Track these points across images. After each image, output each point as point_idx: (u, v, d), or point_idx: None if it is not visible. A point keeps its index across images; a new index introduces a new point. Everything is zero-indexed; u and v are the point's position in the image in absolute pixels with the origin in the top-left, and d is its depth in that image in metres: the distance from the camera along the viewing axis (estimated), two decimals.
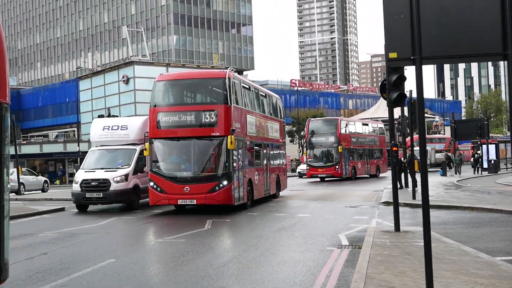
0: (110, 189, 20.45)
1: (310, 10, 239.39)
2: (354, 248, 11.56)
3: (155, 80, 20.08)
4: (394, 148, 14.59)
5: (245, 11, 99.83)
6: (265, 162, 23.70)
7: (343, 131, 40.79)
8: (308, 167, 41.25)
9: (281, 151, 27.75)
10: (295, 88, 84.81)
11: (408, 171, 27.21)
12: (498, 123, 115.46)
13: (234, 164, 18.92)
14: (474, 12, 6.60)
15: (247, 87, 22.19)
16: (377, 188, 30.40)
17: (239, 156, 19.66)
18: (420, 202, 7.22)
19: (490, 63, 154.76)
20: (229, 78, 18.90)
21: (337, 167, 39.31)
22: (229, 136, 18.26)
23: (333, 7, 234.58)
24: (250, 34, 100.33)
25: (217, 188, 18.44)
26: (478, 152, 47.61)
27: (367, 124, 48.05)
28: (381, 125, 50.89)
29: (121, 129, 22.56)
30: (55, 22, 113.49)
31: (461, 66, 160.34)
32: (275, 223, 16.38)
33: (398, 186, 19.18)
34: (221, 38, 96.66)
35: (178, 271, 9.71)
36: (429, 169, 39.79)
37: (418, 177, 24.76)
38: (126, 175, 20.82)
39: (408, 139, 23.89)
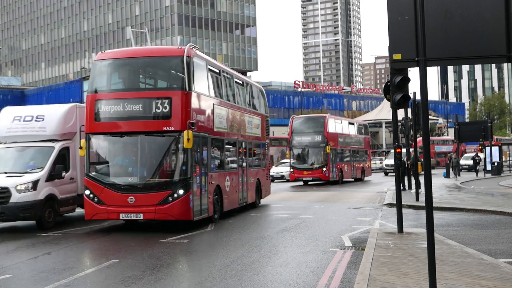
0: (10, 201, 14.89)
1: (314, 12, 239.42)
2: (357, 250, 11.56)
3: (94, 59, 16.19)
4: (397, 150, 14.55)
5: (249, 12, 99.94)
6: (240, 164, 19.82)
7: (331, 129, 37.24)
8: (291, 170, 37.37)
9: (264, 151, 23.64)
10: (299, 90, 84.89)
11: (411, 172, 27.21)
12: (501, 125, 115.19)
13: (195, 168, 15.07)
14: (478, 13, 6.60)
15: (217, 71, 18.10)
16: (379, 190, 30.37)
17: (203, 157, 15.84)
18: (423, 204, 7.22)
19: (494, 66, 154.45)
20: (188, 57, 14.91)
21: (324, 169, 35.82)
22: (185, 132, 14.22)
23: (337, 8, 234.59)
24: (254, 35, 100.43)
25: (170, 198, 14.41)
26: (480, 155, 47.26)
27: (353, 123, 44.68)
28: (365, 123, 48.37)
29: (35, 121, 17.08)
30: (59, 22, 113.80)
31: (465, 68, 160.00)
32: (278, 225, 16.37)
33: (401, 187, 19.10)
34: (225, 39, 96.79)
35: (182, 271, 9.70)
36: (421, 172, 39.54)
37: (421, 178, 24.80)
38: (35, 182, 15.32)
39: (419, 139, 23.82)
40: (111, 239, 14.12)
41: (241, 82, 21.11)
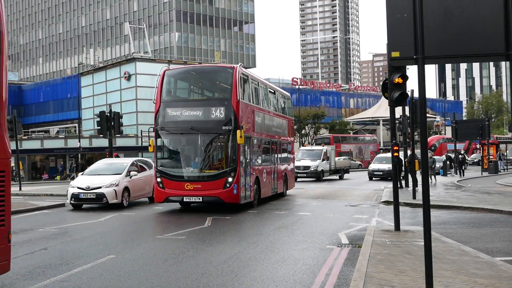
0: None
1: (313, 9, 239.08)
2: (354, 247, 11.57)
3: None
4: (395, 147, 14.56)
5: (247, 9, 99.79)
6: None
7: (245, 97, 19.77)
8: (158, 179, 19.09)
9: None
10: (297, 87, 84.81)
11: (408, 170, 27.21)
12: (499, 123, 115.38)
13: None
14: (477, 12, 6.60)
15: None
16: (377, 188, 30.39)
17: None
18: (420, 202, 7.23)
19: (491, 64, 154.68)
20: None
21: (230, 180, 18.36)
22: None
23: (335, 5, 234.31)
24: (252, 32, 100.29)
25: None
26: (462, 153, 46.20)
27: (273, 92, 24.94)
28: (288, 94, 28.79)
29: None
30: (57, 18, 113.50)
31: (463, 67, 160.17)
32: (275, 221, 16.39)
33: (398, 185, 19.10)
34: (223, 35, 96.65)
35: (179, 267, 9.72)
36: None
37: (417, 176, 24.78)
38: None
39: (430, 138, 23.57)
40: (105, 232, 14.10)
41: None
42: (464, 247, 10.90)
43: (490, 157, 48.19)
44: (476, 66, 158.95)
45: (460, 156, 42.57)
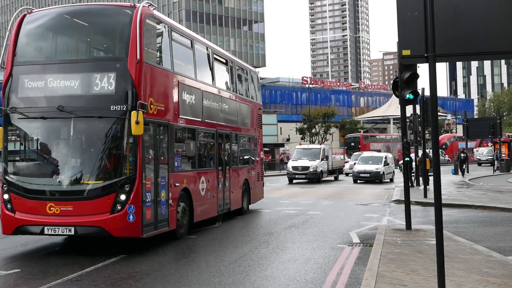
0: None
1: (322, 8, 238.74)
2: (365, 246, 11.55)
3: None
4: (406, 146, 14.52)
5: (257, 8, 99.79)
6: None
7: (153, 58, 12.09)
8: (5, 196, 11.38)
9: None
10: (307, 86, 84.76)
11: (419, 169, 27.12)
12: (511, 121, 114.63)
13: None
14: (488, 9, 6.56)
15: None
16: (388, 186, 30.31)
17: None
18: (432, 201, 7.20)
19: (503, 61, 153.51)
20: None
21: (122, 198, 10.73)
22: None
23: (345, 4, 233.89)
24: (262, 31, 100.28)
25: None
26: (464, 151, 44.27)
27: (225, 62, 17.51)
28: (253, 69, 21.18)
29: None
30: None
31: (474, 64, 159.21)
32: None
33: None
34: (233, 35, 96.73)
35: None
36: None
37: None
38: None
39: (442, 137, 23.40)
40: None
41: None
42: (476, 246, 10.85)
43: (502, 155, 47.82)
44: (487, 64, 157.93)
45: (462, 155, 41.42)
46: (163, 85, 12.30)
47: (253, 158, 19.67)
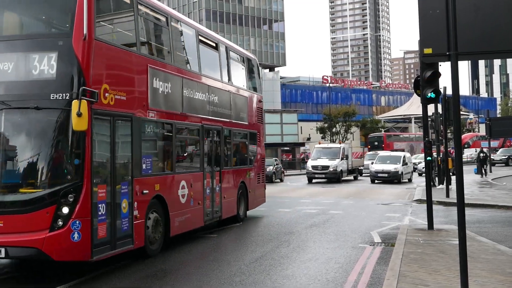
0: None
1: (343, 6, 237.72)
2: (386, 246, 11.49)
3: None
4: (428, 145, 14.42)
5: (277, 7, 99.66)
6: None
7: (107, 34, 9.97)
8: None
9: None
10: (327, 85, 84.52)
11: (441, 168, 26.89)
12: None
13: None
14: (509, 6, 6.49)
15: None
16: (409, 187, 30.10)
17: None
18: (454, 200, 7.15)
19: None
20: None
21: (63, 211, 8.38)
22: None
23: (365, 3, 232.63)
24: (282, 30, 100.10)
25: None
26: (484, 150, 42.79)
27: (215, 45, 15.07)
28: (252, 57, 18.53)
29: None
30: None
31: (496, 63, 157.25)
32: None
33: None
34: (253, 34, 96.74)
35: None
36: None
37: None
38: None
39: (464, 136, 23.18)
40: None
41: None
42: (500, 246, 10.73)
43: None
44: (510, 62, 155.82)
45: (481, 154, 40.28)
46: (124, 69, 9.99)
47: (251, 157, 17.02)
